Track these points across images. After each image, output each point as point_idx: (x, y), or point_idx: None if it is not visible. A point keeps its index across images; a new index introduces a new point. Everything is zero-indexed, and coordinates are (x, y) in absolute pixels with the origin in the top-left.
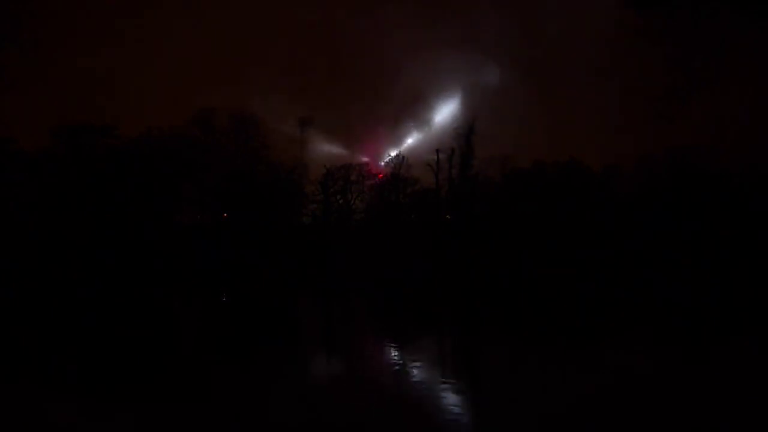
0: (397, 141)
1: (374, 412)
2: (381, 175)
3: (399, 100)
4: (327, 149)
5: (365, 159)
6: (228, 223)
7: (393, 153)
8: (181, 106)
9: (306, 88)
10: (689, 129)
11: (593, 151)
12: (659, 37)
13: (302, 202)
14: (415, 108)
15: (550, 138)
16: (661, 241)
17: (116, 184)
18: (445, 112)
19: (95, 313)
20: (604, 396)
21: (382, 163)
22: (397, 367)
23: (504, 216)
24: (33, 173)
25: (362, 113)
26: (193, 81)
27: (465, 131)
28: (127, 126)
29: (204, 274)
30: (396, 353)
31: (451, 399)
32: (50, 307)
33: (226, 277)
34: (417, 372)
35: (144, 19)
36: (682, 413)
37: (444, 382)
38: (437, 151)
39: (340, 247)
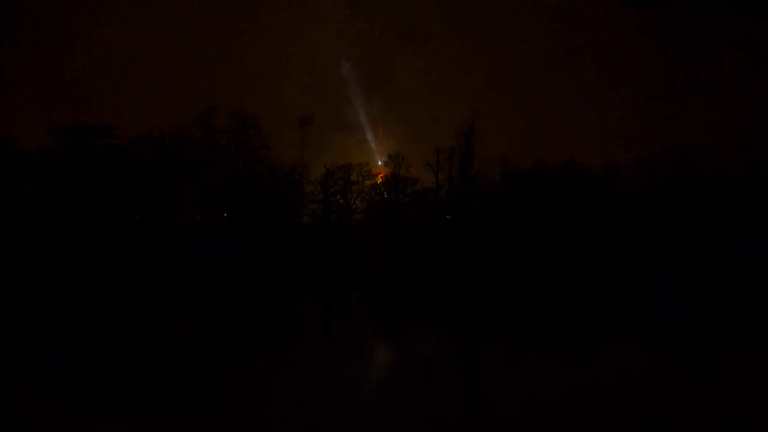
0: (398, 140)
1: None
2: (381, 175)
3: (398, 99)
4: (328, 147)
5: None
6: (228, 223)
7: (393, 152)
8: (181, 106)
9: (308, 86)
10: (689, 129)
11: (593, 151)
12: (659, 37)
13: (302, 202)
14: (414, 107)
15: (550, 138)
16: (661, 241)
17: (116, 184)
18: (446, 111)
19: (95, 312)
20: (599, 393)
21: (382, 163)
22: (393, 369)
23: (504, 216)
24: (33, 173)
25: (361, 112)
26: (193, 81)
27: (465, 131)
28: (127, 126)
29: (204, 274)
30: (393, 354)
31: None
32: (50, 307)
33: (226, 277)
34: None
35: (144, 19)
36: (675, 413)
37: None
38: (437, 151)
39: (340, 247)
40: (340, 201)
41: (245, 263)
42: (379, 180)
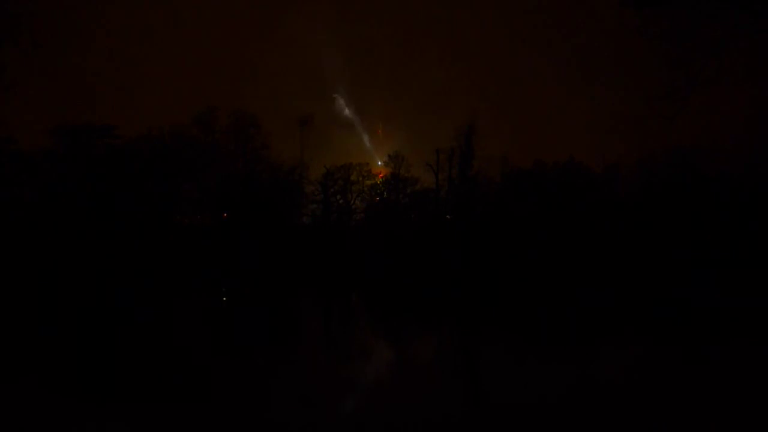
0: (398, 140)
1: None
2: (381, 175)
3: (398, 99)
4: (328, 147)
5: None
6: (228, 223)
7: (393, 152)
8: (181, 106)
9: (308, 86)
10: (689, 129)
11: (593, 151)
12: (659, 37)
13: (302, 202)
14: (414, 107)
15: (550, 138)
16: (660, 241)
17: (116, 184)
18: (446, 111)
19: (95, 313)
20: (594, 392)
21: (382, 163)
22: (393, 369)
23: (504, 216)
24: (33, 173)
25: (362, 112)
26: (193, 81)
27: (465, 131)
28: (127, 126)
29: (204, 274)
30: (393, 354)
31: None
32: (50, 308)
33: (226, 277)
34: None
35: (144, 18)
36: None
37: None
38: (437, 151)
39: (340, 247)
40: (340, 201)
41: (245, 263)
42: (379, 180)
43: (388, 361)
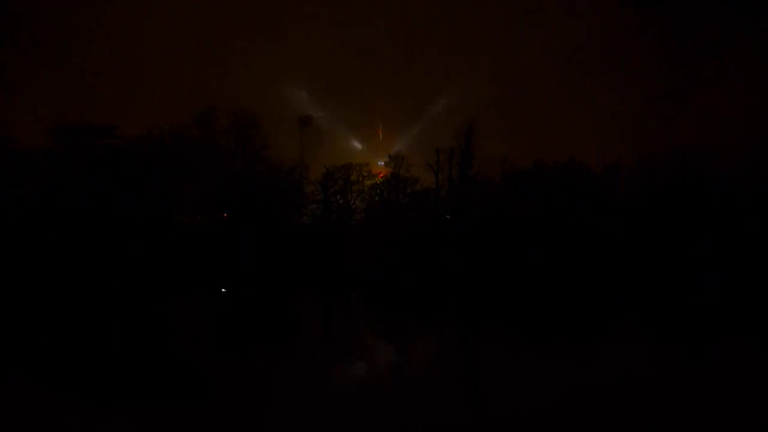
0: (398, 140)
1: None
2: (381, 175)
3: (399, 100)
4: (328, 147)
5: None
6: (228, 223)
7: (393, 152)
8: (181, 106)
9: (308, 86)
10: (689, 129)
11: (593, 151)
12: (659, 37)
13: (302, 202)
14: (415, 108)
15: (550, 138)
16: (661, 241)
17: (116, 184)
18: (446, 111)
19: (95, 313)
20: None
21: (382, 163)
22: (393, 369)
23: (504, 216)
24: (33, 173)
25: (362, 112)
26: (193, 81)
27: (465, 131)
28: (127, 126)
29: (204, 274)
30: (393, 354)
31: None
32: (50, 307)
33: (226, 278)
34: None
35: (144, 18)
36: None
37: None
38: (437, 151)
39: (340, 247)
40: (340, 201)
41: (245, 263)
42: (379, 180)
43: (388, 362)
